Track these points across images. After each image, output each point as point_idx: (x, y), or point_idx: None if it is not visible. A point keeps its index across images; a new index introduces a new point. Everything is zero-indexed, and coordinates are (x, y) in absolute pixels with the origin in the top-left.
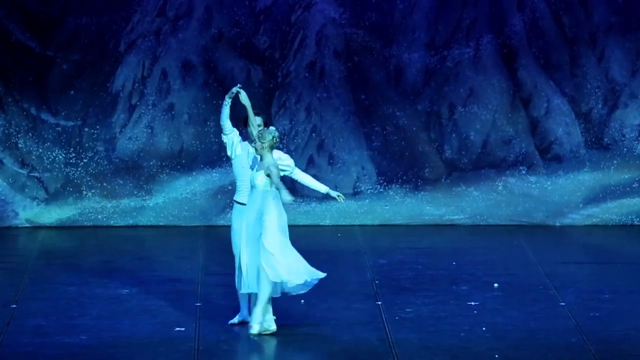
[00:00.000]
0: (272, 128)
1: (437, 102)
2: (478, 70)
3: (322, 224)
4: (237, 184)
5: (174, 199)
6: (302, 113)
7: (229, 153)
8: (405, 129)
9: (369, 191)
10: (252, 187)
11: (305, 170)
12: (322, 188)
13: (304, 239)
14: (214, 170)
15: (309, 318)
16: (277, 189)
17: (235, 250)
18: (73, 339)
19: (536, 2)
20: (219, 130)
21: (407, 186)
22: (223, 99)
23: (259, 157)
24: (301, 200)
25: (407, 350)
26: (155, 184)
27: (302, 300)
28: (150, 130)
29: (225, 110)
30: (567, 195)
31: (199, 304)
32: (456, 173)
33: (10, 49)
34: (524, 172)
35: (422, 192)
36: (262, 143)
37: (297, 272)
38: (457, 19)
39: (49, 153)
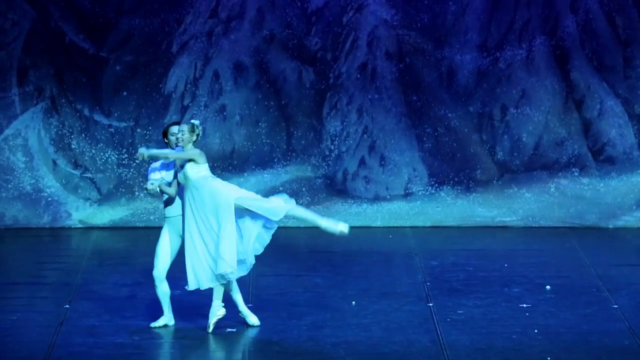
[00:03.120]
0: (197, 122)
1: (489, 103)
2: (530, 72)
3: (373, 225)
4: (165, 200)
5: None
6: (353, 114)
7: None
8: (457, 131)
9: (420, 193)
10: (184, 185)
11: (356, 172)
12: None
13: (355, 241)
14: (265, 172)
15: (360, 319)
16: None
17: (164, 263)
18: (125, 339)
19: (589, 3)
20: (270, 132)
21: (459, 188)
22: (274, 100)
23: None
24: (352, 202)
25: (458, 353)
26: None
27: (354, 302)
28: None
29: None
30: (620, 197)
31: (250, 305)
32: (508, 175)
33: (64, 50)
34: (576, 173)
35: (474, 194)
36: (192, 137)
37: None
38: (509, 20)
39: (102, 154)
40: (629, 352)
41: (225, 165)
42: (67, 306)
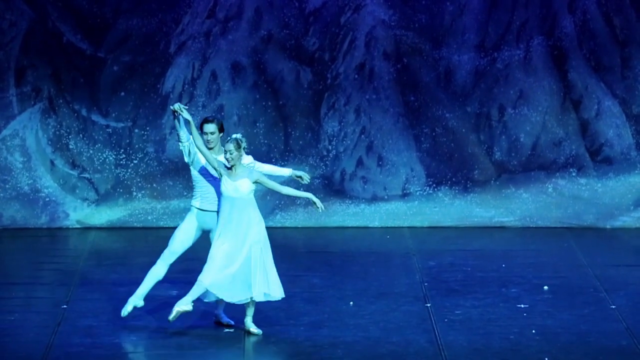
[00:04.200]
0: (239, 135)
1: (486, 103)
2: (528, 72)
3: (371, 225)
4: (197, 190)
5: None
6: (351, 114)
7: (186, 160)
8: (455, 131)
9: (418, 193)
10: (229, 196)
11: (354, 172)
12: (286, 171)
13: (353, 241)
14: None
15: (358, 319)
16: (288, 193)
17: (174, 245)
18: (123, 339)
19: (587, 4)
20: (268, 132)
21: (457, 188)
22: (272, 100)
23: (228, 166)
24: (350, 202)
25: (456, 353)
26: None
27: (352, 302)
28: (199, 132)
29: (175, 122)
30: (618, 198)
31: None
32: (506, 175)
33: (61, 51)
34: (574, 174)
35: (472, 194)
36: (240, 152)
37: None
38: (507, 20)
39: (100, 154)
40: (626, 353)
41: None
42: (64, 306)
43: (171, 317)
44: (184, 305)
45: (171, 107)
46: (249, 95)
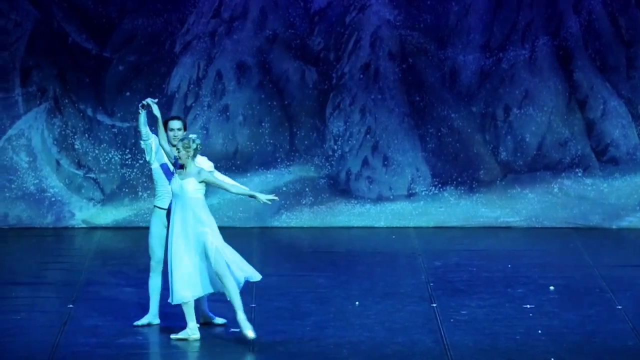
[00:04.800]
0: (194, 136)
1: (492, 104)
2: (534, 72)
3: (376, 225)
4: (158, 189)
5: (229, 200)
6: (356, 114)
7: (147, 158)
8: (460, 131)
9: (423, 193)
10: (177, 194)
11: (359, 172)
12: (247, 191)
13: (359, 241)
14: (268, 172)
15: (363, 319)
16: (240, 193)
17: (156, 254)
18: (129, 339)
19: (592, 4)
20: (273, 132)
21: (462, 188)
22: (277, 100)
23: (180, 165)
24: (355, 202)
25: (462, 353)
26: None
27: (357, 302)
28: (205, 132)
29: (141, 118)
30: (624, 198)
31: (253, 305)
32: (511, 175)
33: (67, 51)
34: (579, 174)
35: (477, 194)
36: (188, 152)
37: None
38: (512, 20)
39: (105, 154)
40: (632, 353)
41: (229, 165)
42: (70, 306)
43: (174, 337)
44: (192, 334)
45: (143, 102)
46: (254, 95)
